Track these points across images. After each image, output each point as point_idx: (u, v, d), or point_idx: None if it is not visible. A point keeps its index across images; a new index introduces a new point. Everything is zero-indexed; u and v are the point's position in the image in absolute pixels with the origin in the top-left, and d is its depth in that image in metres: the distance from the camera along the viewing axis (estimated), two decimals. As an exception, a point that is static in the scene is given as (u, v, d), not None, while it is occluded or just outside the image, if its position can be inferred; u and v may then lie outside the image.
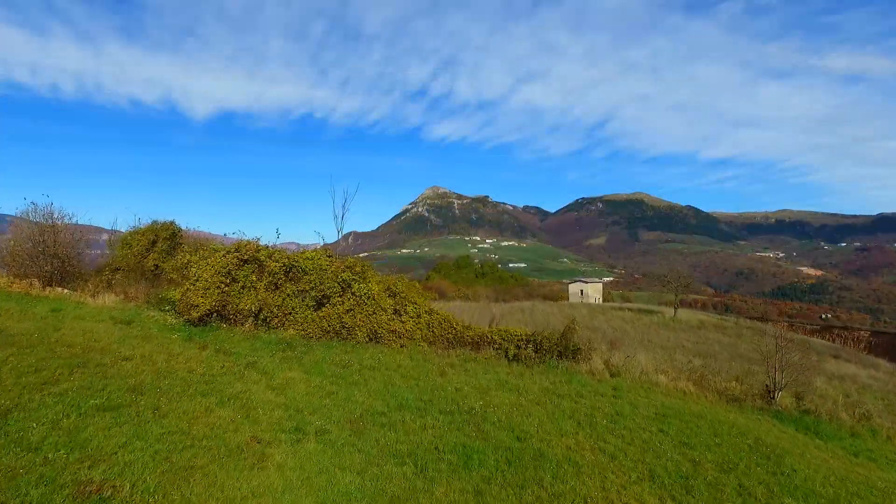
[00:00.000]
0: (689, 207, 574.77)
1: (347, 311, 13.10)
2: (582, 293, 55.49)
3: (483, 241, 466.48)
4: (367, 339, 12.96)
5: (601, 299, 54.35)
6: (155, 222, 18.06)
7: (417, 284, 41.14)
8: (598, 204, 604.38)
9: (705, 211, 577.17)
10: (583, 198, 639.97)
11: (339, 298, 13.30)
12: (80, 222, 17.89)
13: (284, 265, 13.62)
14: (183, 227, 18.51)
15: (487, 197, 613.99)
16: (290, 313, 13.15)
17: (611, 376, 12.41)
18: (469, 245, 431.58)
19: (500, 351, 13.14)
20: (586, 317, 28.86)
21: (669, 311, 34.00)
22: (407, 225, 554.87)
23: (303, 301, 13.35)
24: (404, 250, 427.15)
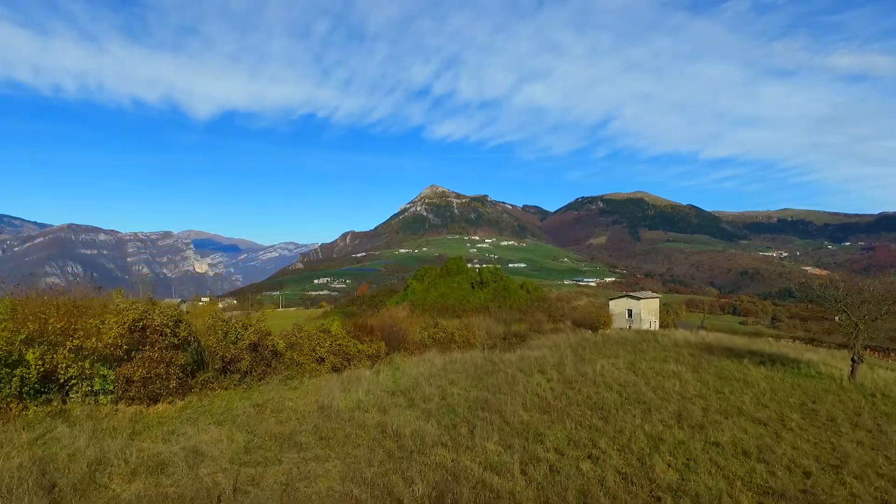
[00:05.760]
0: (691, 206, 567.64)
1: None
2: (630, 314, 44.84)
3: (482, 241, 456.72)
4: None
5: (658, 322, 43.61)
6: None
7: (338, 328, 19.10)
8: (599, 203, 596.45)
9: (707, 210, 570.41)
10: (583, 197, 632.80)
11: None
12: (77, 222, 8.52)
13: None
14: None
15: (486, 196, 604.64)
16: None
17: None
18: (468, 245, 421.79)
19: None
20: (697, 401, 14.10)
21: (814, 358, 22.83)
22: (405, 224, 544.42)
23: None
24: (402, 250, 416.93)
